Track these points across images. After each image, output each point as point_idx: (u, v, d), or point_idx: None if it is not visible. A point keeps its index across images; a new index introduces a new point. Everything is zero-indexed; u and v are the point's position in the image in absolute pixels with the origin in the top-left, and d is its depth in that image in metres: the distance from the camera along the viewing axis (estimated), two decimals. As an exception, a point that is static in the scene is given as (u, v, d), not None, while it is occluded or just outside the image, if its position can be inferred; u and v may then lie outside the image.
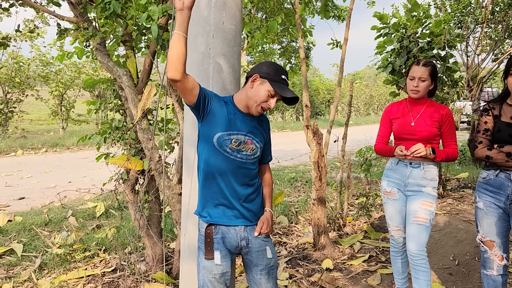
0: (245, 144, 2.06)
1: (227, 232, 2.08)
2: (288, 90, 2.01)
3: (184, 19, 1.76)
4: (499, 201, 2.50)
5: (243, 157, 2.06)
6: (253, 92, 2.01)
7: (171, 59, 1.76)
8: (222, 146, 2.01)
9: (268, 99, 2.00)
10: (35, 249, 4.35)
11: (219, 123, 2.01)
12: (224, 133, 2.01)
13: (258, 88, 2.00)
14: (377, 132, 3.04)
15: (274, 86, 1.98)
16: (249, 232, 2.13)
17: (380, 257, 4.12)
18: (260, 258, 2.14)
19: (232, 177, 2.05)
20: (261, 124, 2.18)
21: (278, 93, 1.98)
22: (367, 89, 32.73)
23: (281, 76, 2.02)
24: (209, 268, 2.04)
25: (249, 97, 2.02)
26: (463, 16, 9.32)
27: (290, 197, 6.62)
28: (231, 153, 2.03)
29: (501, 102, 2.58)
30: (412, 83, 2.76)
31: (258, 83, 2.01)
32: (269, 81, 1.99)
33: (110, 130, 3.62)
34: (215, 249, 2.05)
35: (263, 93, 1.99)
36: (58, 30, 3.43)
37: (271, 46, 6.21)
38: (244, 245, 2.11)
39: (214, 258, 2.04)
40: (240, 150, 2.05)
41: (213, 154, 2.03)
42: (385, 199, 2.99)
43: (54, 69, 14.13)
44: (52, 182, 7.72)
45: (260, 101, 2.00)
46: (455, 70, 5.82)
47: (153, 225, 3.74)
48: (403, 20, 5.64)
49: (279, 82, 2.00)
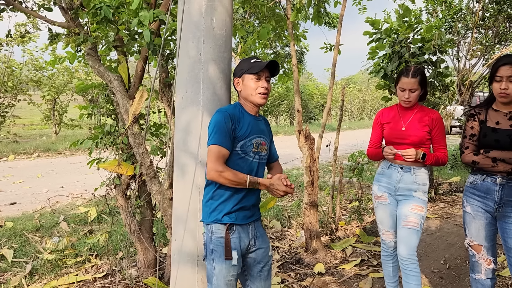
0: (261, 145, 2.19)
1: (241, 231, 2.15)
2: (262, 63, 2.12)
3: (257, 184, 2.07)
4: (486, 205, 2.52)
5: (261, 158, 2.21)
6: (243, 91, 2.15)
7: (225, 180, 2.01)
8: (246, 152, 2.12)
9: (257, 84, 2.12)
10: (26, 255, 4.32)
11: (243, 131, 2.10)
12: (246, 139, 2.11)
13: (244, 85, 2.15)
14: (369, 137, 3.07)
15: (251, 71, 2.11)
16: (257, 229, 2.24)
17: (372, 261, 4.13)
18: (264, 256, 2.24)
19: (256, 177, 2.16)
20: (266, 125, 2.32)
21: (258, 72, 2.10)
22: (360, 93, 32.89)
23: (251, 61, 2.14)
24: (226, 270, 2.07)
25: (245, 96, 2.16)
26: (454, 21, 9.43)
27: (283, 201, 6.62)
28: (254, 156, 2.16)
29: (486, 107, 2.61)
30: (403, 94, 2.78)
31: (241, 82, 2.17)
32: (245, 73, 2.14)
33: (102, 135, 3.62)
34: (233, 249, 2.09)
35: (249, 84, 2.13)
36: (50, 35, 3.43)
37: (264, 51, 6.24)
38: (252, 243, 2.20)
39: (232, 259, 2.07)
40: (259, 152, 2.18)
41: (238, 161, 2.11)
42: (376, 203, 3.01)
43: (47, 74, 14.07)
44: (44, 187, 7.67)
45: (253, 91, 2.12)
46: (447, 75, 5.88)
47: (145, 230, 3.73)
48: (395, 25, 5.69)
49: (253, 66, 2.12)
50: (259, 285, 2.24)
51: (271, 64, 2.15)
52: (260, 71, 2.10)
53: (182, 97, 2.46)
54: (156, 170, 3.43)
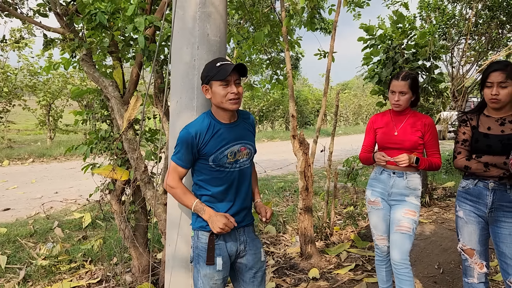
0: (240, 152, 2.12)
1: (228, 237, 2.14)
2: (229, 66, 2.00)
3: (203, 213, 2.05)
4: (479, 210, 2.54)
5: (241, 165, 2.14)
6: (213, 99, 2.06)
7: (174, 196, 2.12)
8: (220, 164, 2.07)
9: (226, 90, 2.01)
10: (19, 261, 4.30)
11: (210, 147, 2.05)
12: (217, 153, 2.05)
13: (213, 92, 2.04)
14: (362, 142, 3.09)
15: (218, 77, 1.99)
16: (247, 234, 2.22)
17: (366, 266, 4.14)
18: (256, 261, 2.22)
19: (236, 188, 2.14)
20: (246, 123, 2.22)
21: (225, 78, 1.98)
22: (355, 99, 33.04)
23: (217, 65, 2.02)
24: (210, 275, 2.08)
25: (216, 104, 2.07)
26: (448, 28, 9.52)
27: (278, 206, 6.63)
28: (230, 167, 2.10)
29: (478, 113, 2.64)
30: (393, 97, 2.81)
31: (209, 89, 2.05)
32: (212, 80, 2.02)
33: (96, 140, 3.62)
34: (216, 255, 2.09)
35: (218, 92, 2.02)
36: (44, 41, 3.44)
37: (259, 57, 6.26)
38: (242, 248, 2.18)
39: (216, 264, 2.07)
40: (237, 160, 2.11)
41: (214, 174, 2.09)
42: (369, 208, 3.03)
43: (42, 79, 14.04)
44: (39, 192, 7.65)
45: (223, 98, 2.02)
46: (440, 80, 5.93)
47: (139, 236, 3.72)
48: (389, 31, 5.75)
49: (219, 71, 2.00)
50: None
51: (237, 66, 2.03)
52: (228, 76, 1.98)
53: (177, 102, 2.47)
54: (150, 176, 3.44)
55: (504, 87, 2.41)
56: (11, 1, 3.42)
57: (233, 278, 2.29)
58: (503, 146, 2.43)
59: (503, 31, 9.44)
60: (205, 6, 2.38)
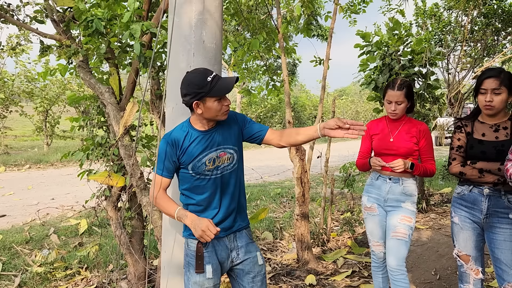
0: (219, 158, 2.08)
1: (217, 244, 2.12)
2: (223, 84, 1.94)
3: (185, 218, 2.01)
4: (474, 216, 2.55)
5: (223, 170, 2.10)
6: (207, 113, 1.99)
7: (159, 207, 2.09)
8: (199, 172, 2.05)
9: (220, 104, 1.98)
10: (14, 268, 4.27)
11: (187, 156, 2.04)
12: (194, 161, 2.04)
13: (207, 107, 1.97)
14: (359, 148, 3.10)
15: (214, 94, 1.93)
16: (239, 240, 2.18)
17: (363, 272, 4.14)
18: (252, 266, 2.18)
19: (220, 194, 2.11)
20: (227, 125, 2.15)
21: (221, 95, 1.96)
22: (353, 105, 33.16)
23: (207, 80, 1.93)
24: (201, 283, 2.07)
25: (208, 118, 2.02)
26: (444, 34, 9.59)
27: (275, 212, 6.62)
28: (210, 174, 2.07)
29: (473, 119, 2.65)
30: (390, 107, 2.83)
31: (202, 105, 1.97)
32: (206, 96, 1.94)
33: (93, 146, 3.62)
34: (206, 263, 2.07)
35: (214, 107, 1.97)
36: (41, 47, 3.45)
37: (256, 62, 6.28)
38: (235, 255, 2.16)
39: (206, 272, 2.06)
40: (218, 166, 2.08)
41: (196, 183, 2.08)
42: (365, 214, 3.03)
43: (39, 85, 14.04)
44: (35, 199, 7.62)
45: (218, 112, 2.00)
46: (437, 87, 5.96)
47: (136, 242, 3.71)
48: (385, 38, 5.78)
49: (213, 87, 1.93)
50: None
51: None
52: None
53: (172, 109, 2.48)
54: (146, 182, 3.43)
55: (498, 93, 2.43)
56: (8, 7, 3.43)
57: (234, 285, 2.27)
58: (497, 152, 2.44)
59: (499, 37, 9.52)
60: (201, 14, 2.40)
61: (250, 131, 2.23)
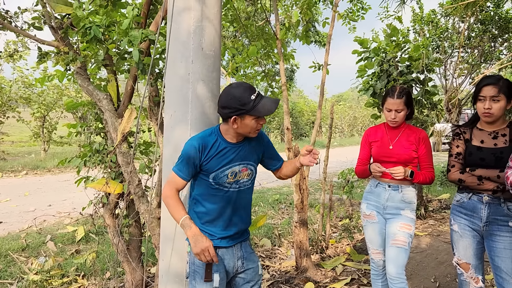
0: (240, 172, 2.10)
1: (226, 253, 2.14)
2: (267, 105, 1.96)
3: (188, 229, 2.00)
4: (473, 223, 2.54)
5: (241, 185, 2.13)
6: (241, 129, 2.02)
7: (167, 206, 2.07)
8: (220, 183, 2.06)
9: (257, 122, 2.01)
10: (10, 276, 4.23)
11: (212, 164, 2.04)
12: (218, 171, 2.04)
13: (244, 124, 1.99)
14: (358, 155, 3.09)
15: (255, 114, 1.95)
16: (244, 249, 2.21)
17: (362, 279, 4.11)
18: (253, 275, 2.23)
19: (234, 207, 2.13)
20: (253, 142, 2.19)
21: (263, 116, 1.98)
22: (350, 110, 33.18)
23: (251, 98, 1.95)
24: None
25: (241, 133, 2.04)
26: (441, 41, 9.62)
27: (273, 219, 6.60)
28: (229, 186, 2.08)
29: (471, 126, 2.65)
30: (389, 115, 2.81)
31: (240, 120, 1.98)
32: (247, 113, 1.96)
33: (90, 153, 3.60)
34: (214, 272, 2.07)
35: (251, 124, 2.00)
36: (39, 54, 3.43)
37: (255, 69, 6.28)
38: (240, 264, 2.18)
39: (213, 281, 2.06)
40: (238, 180, 2.10)
41: (213, 192, 2.08)
42: (364, 222, 3.01)
43: (37, 91, 13.99)
44: (32, 205, 7.57)
45: (253, 130, 2.03)
46: (434, 93, 5.96)
47: (133, 250, 3.68)
48: (383, 44, 5.79)
49: (255, 106, 1.95)
50: None
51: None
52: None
53: (171, 116, 2.47)
54: (144, 189, 3.41)
55: (497, 101, 2.43)
56: (6, 14, 3.42)
57: None
58: (496, 160, 2.44)
59: (495, 44, 9.56)
60: (200, 21, 2.40)
61: (270, 156, 2.31)
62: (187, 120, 2.40)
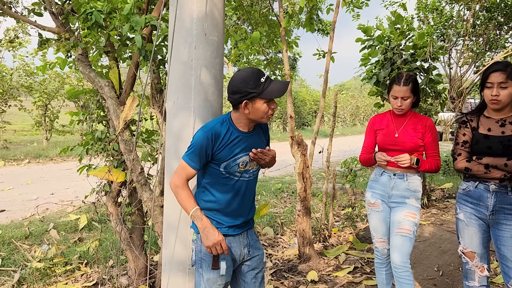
0: (251, 162, 2.09)
1: (233, 241, 2.13)
2: (277, 87, 1.95)
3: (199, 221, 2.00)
4: (479, 212, 2.51)
5: (250, 175, 2.13)
6: (253, 114, 1.99)
7: (177, 196, 2.04)
8: (231, 172, 2.04)
9: (268, 106, 1.99)
10: (14, 263, 4.24)
11: (224, 153, 2.01)
12: (230, 161, 2.02)
13: (255, 108, 1.97)
14: (362, 143, 3.05)
15: (266, 96, 1.94)
16: (250, 237, 2.21)
17: (365, 268, 4.11)
18: (259, 262, 2.23)
19: (243, 196, 2.12)
20: (260, 132, 2.19)
21: (273, 98, 1.96)
22: (353, 100, 33.06)
23: (260, 81, 1.94)
24: (214, 279, 2.07)
25: (253, 118, 2.01)
26: (446, 29, 9.51)
27: (276, 208, 6.59)
28: (240, 176, 2.07)
29: (478, 114, 2.60)
30: (395, 102, 2.77)
31: (251, 105, 1.96)
32: (258, 97, 1.94)
33: (92, 141, 3.57)
34: (221, 259, 2.07)
35: (262, 108, 1.97)
36: (39, 41, 3.39)
37: (257, 57, 6.22)
38: (246, 252, 2.18)
39: (220, 269, 2.06)
40: (248, 169, 2.09)
41: (223, 181, 2.06)
42: (369, 210, 2.99)
43: (38, 79, 13.93)
44: (34, 194, 7.58)
45: (264, 114, 2.00)
46: (438, 81, 5.91)
47: (136, 238, 3.68)
48: (387, 32, 5.72)
49: (265, 89, 1.94)
50: None
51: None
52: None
53: (174, 103, 2.43)
54: (147, 177, 3.39)
55: (504, 87, 2.38)
56: (6, 0, 3.37)
57: (233, 282, 2.26)
58: (503, 148, 2.40)
59: (501, 32, 9.45)
60: (203, 5, 2.35)
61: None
62: (190, 107, 2.37)
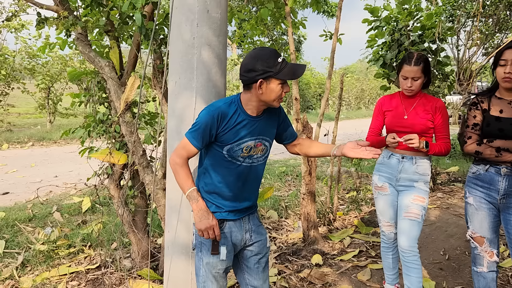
0: (255, 148, 2.01)
1: (233, 226, 2.07)
2: (293, 69, 1.88)
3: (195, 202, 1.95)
4: (490, 196, 2.44)
5: (254, 161, 2.05)
6: (266, 95, 1.89)
7: (175, 174, 1.98)
8: (234, 156, 1.97)
9: (282, 89, 1.90)
10: (17, 246, 4.24)
11: (228, 136, 1.94)
12: (233, 144, 1.95)
13: (270, 89, 1.88)
14: (369, 124, 2.97)
15: (282, 77, 1.85)
16: (252, 222, 2.15)
17: (370, 252, 4.07)
18: (262, 247, 2.17)
19: (244, 181, 2.05)
20: (270, 117, 2.09)
21: (289, 79, 1.87)
22: (358, 83, 32.73)
23: (278, 61, 1.85)
24: (214, 264, 2.02)
25: (265, 100, 1.92)
26: (454, 9, 9.30)
27: (280, 191, 6.56)
28: (242, 161, 2.00)
29: (489, 95, 2.51)
30: (405, 83, 2.66)
31: (265, 85, 1.87)
32: (273, 77, 1.85)
33: (94, 123, 3.51)
34: (221, 244, 2.02)
35: (276, 89, 1.88)
36: (37, 19, 3.30)
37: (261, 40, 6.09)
38: (248, 237, 2.12)
39: (220, 254, 2.01)
40: (251, 155, 2.02)
41: (225, 165, 1.99)
42: (376, 194, 2.93)
43: (41, 62, 13.84)
44: (38, 176, 7.58)
45: (277, 96, 1.91)
46: (447, 63, 5.78)
47: (139, 221, 3.64)
48: (395, 13, 5.57)
49: (282, 70, 1.85)
50: (256, 276, 2.18)
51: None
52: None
53: (175, 83, 2.36)
54: (149, 160, 3.34)
55: (519, 66, 2.29)
56: (3, -23, 3.28)
57: (236, 267, 2.21)
58: (516, 130, 2.32)
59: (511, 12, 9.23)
60: (205, -20, 2.25)
61: (284, 129, 2.22)
62: (192, 87, 2.29)
